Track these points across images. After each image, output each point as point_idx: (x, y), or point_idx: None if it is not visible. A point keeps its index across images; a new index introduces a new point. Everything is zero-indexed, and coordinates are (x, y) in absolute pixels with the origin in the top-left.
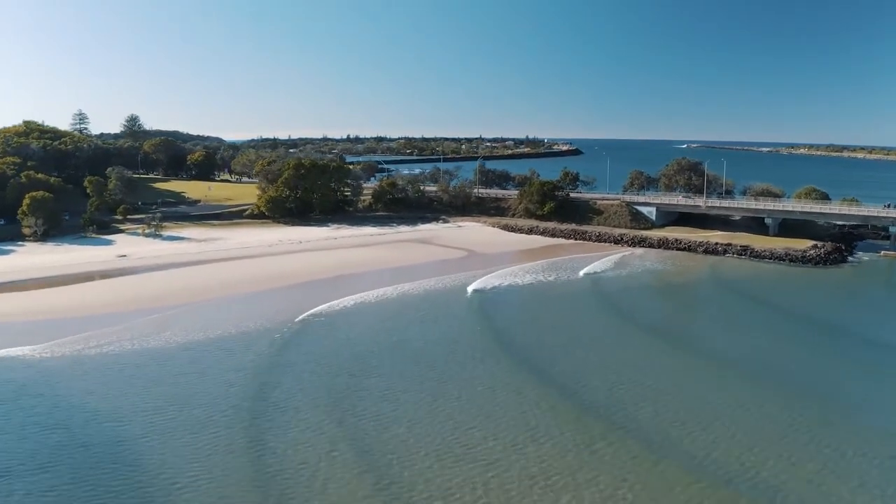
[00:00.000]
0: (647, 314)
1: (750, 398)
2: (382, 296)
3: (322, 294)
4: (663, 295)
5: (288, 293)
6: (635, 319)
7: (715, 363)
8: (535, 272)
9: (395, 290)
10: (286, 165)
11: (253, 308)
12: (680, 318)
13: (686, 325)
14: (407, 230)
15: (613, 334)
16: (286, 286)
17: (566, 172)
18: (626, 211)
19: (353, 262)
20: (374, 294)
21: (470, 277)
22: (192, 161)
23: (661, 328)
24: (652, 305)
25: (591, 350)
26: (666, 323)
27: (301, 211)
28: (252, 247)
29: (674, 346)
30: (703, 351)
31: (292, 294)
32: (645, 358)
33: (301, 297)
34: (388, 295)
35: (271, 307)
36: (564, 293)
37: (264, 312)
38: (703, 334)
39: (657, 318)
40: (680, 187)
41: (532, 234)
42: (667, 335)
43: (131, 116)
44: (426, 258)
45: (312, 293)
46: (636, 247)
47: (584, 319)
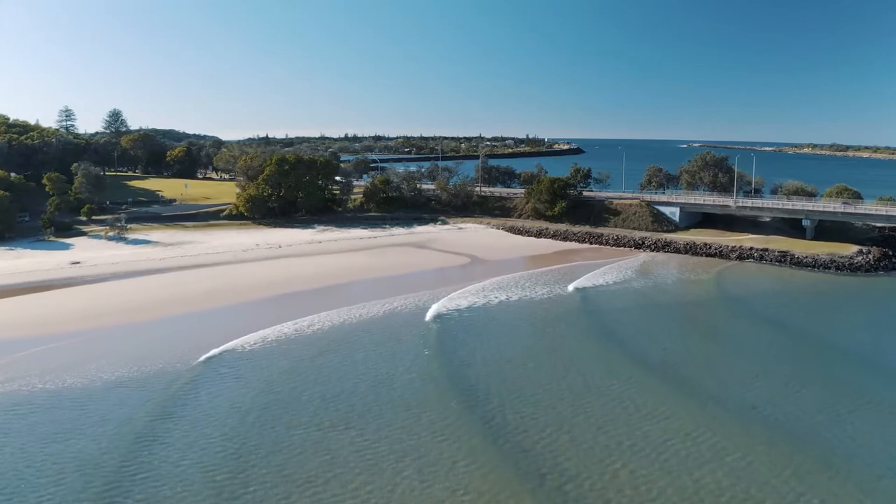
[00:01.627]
0: (688, 356)
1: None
2: (350, 319)
3: (272, 315)
4: (700, 324)
5: (236, 313)
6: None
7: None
8: (549, 282)
9: (380, 308)
10: (268, 161)
11: (173, 337)
12: (732, 371)
13: (748, 387)
14: (401, 232)
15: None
16: (240, 304)
17: (577, 169)
18: (646, 211)
19: (334, 272)
20: (343, 314)
21: (476, 291)
22: (173, 158)
23: (691, 379)
24: (693, 342)
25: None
26: (702, 372)
27: (285, 211)
28: (223, 252)
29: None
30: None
31: (242, 314)
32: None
33: (249, 317)
34: (359, 316)
35: (196, 335)
36: (589, 312)
37: (177, 344)
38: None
39: (698, 363)
40: (704, 185)
41: (541, 237)
42: (698, 393)
43: (113, 112)
44: (421, 265)
45: (262, 313)
46: (659, 251)
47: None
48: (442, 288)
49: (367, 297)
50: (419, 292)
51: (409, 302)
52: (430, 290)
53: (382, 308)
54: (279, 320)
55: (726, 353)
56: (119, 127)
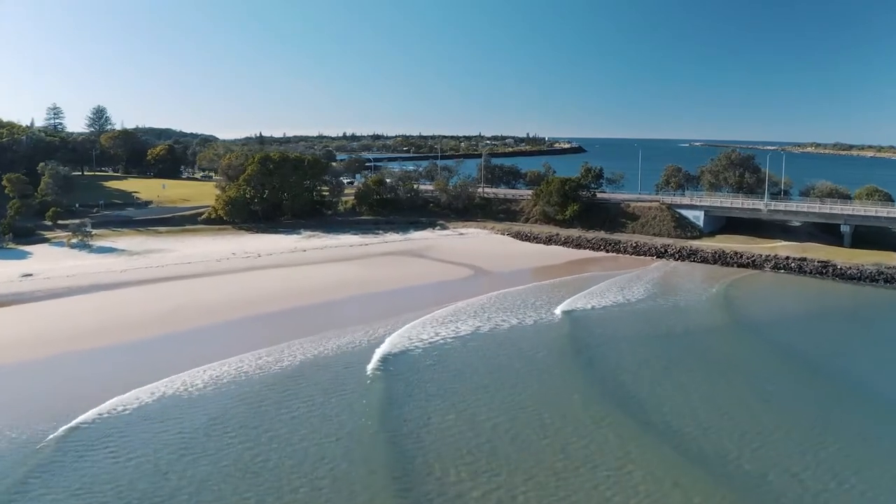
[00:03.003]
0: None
1: None
2: (299, 358)
3: (210, 349)
4: (735, 369)
5: (174, 345)
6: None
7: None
8: (581, 299)
9: (339, 342)
10: (250, 160)
11: (73, 382)
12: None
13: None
14: (396, 239)
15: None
16: (188, 331)
17: (588, 168)
18: (667, 216)
19: (311, 288)
20: (296, 350)
21: (478, 310)
22: (154, 157)
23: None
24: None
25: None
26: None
27: (269, 214)
28: (194, 262)
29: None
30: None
31: (181, 346)
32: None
33: (187, 351)
34: (306, 355)
35: (102, 378)
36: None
37: (62, 395)
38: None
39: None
40: (729, 186)
41: (551, 244)
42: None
43: (97, 108)
44: (416, 279)
45: (202, 346)
46: (683, 261)
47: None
48: (436, 309)
49: (337, 323)
50: (405, 315)
51: (384, 331)
52: (421, 312)
53: (342, 341)
54: (214, 357)
55: (765, 418)
56: (104, 125)
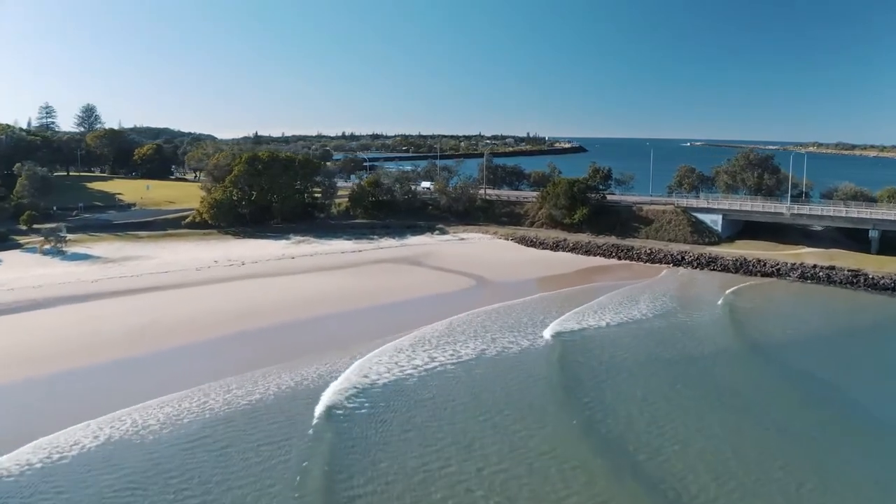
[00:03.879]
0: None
1: None
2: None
3: (159, 382)
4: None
5: (120, 375)
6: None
7: None
8: (597, 316)
9: (296, 375)
10: (237, 160)
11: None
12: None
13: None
14: (392, 245)
15: None
16: (143, 356)
17: (596, 168)
18: (683, 220)
19: (294, 302)
20: (251, 386)
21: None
22: (141, 156)
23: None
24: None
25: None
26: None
27: (257, 218)
28: (172, 271)
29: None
30: None
31: (144, 374)
32: None
33: (153, 380)
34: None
35: (21, 419)
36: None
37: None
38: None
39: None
40: (747, 188)
41: (559, 250)
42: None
43: (87, 107)
44: (411, 291)
45: (148, 378)
46: (702, 269)
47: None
48: (425, 326)
49: (317, 345)
50: (390, 336)
51: (360, 357)
52: (408, 333)
53: (316, 370)
54: (176, 387)
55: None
56: (93, 123)
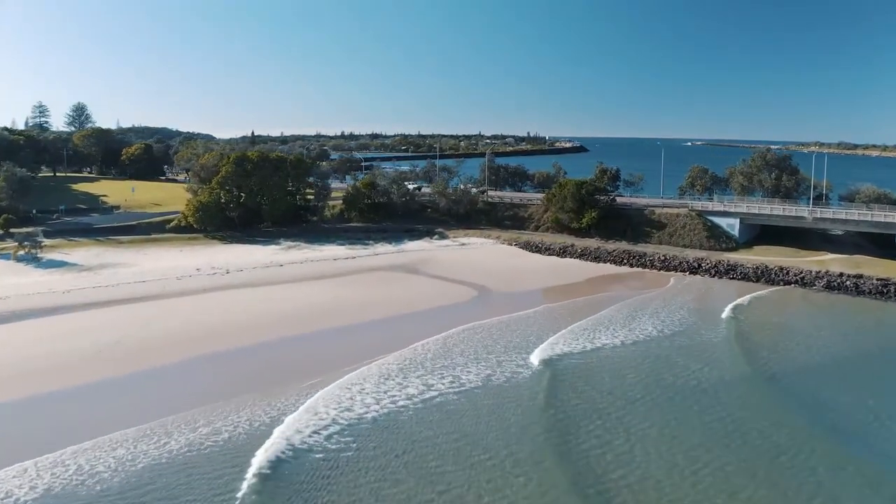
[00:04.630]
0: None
1: None
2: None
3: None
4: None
5: (60, 407)
6: None
7: None
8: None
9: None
10: (224, 160)
11: None
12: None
13: None
14: (388, 250)
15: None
16: (95, 384)
17: (603, 169)
18: (698, 224)
19: (280, 315)
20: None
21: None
22: (129, 156)
23: None
24: None
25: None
26: None
27: (246, 221)
28: (151, 280)
29: None
30: None
31: (76, 409)
32: None
33: (82, 418)
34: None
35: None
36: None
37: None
38: None
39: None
40: (764, 190)
41: (566, 256)
42: None
43: (77, 105)
44: (407, 303)
45: (82, 415)
46: (720, 277)
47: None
48: (417, 346)
49: (282, 375)
50: (371, 361)
51: (326, 390)
52: (390, 355)
53: (276, 406)
54: (106, 427)
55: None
56: (84, 122)
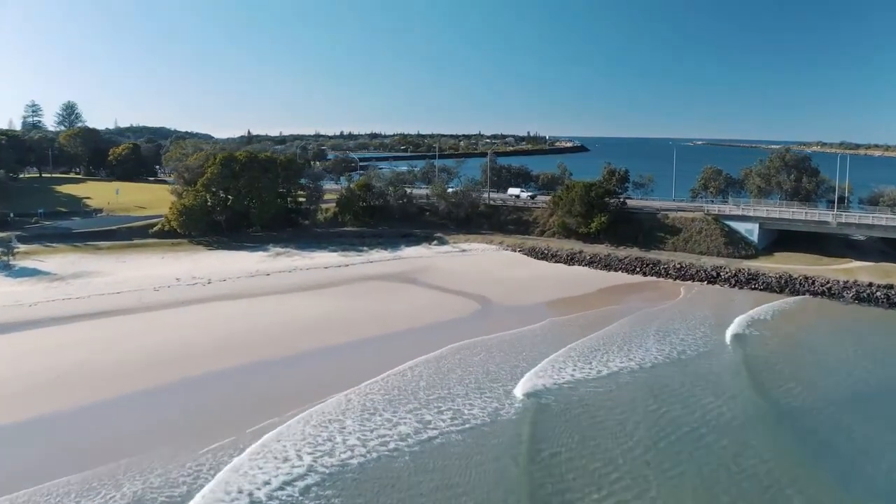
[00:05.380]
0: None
1: None
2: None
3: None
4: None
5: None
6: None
7: None
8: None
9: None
10: (210, 161)
11: None
12: None
13: None
14: (384, 257)
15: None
16: (27, 422)
17: (611, 170)
18: (715, 229)
19: (256, 334)
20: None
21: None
22: (116, 157)
23: None
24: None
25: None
26: None
27: (234, 225)
28: (126, 291)
29: None
30: None
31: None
32: None
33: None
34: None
35: None
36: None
37: None
38: None
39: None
40: (783, 192)
41: (574, 263)
42: None
43: (67, 104)
44: (401, 319)
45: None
46: (741, 287)
47: None
48: (403, 364)
49: (261, 410)
50: (364, 385)
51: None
52: (369, 385)
53: (238, 454)
54: (44, 476)
55: None
56: (74, 122)
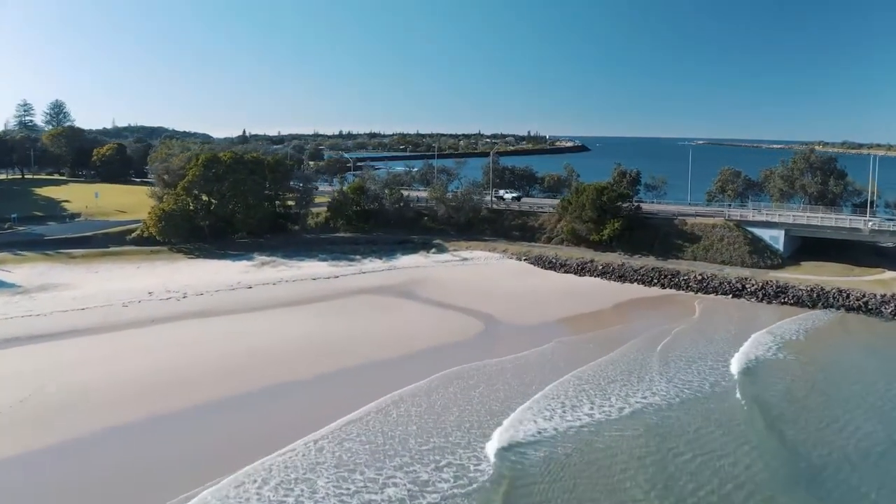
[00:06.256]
0: None
1: None
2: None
3: None
4: None
5: None
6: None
7: None
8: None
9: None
10: (192, 163)
11: None
12: None
13: None
14: (378, 267)
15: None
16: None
17: (622, 171)
18: (738, 236)
19: (234, 357)
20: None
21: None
22: (100, 157)
23: None
24: None
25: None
26: None
27: (218, 232)
28: (93, 307)
29: None
30: None
31: None
32: None
33: None
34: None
35: None
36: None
37: None
38: None
39: None
40: (808, 196)
41: (584, 274)
42: None
43: (55, 103)
44: (398, 343)
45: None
46: (769, 302)
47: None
48: (380, 398)
49: (225, 461)
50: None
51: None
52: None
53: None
54: None
55: None
56: (62, 121)
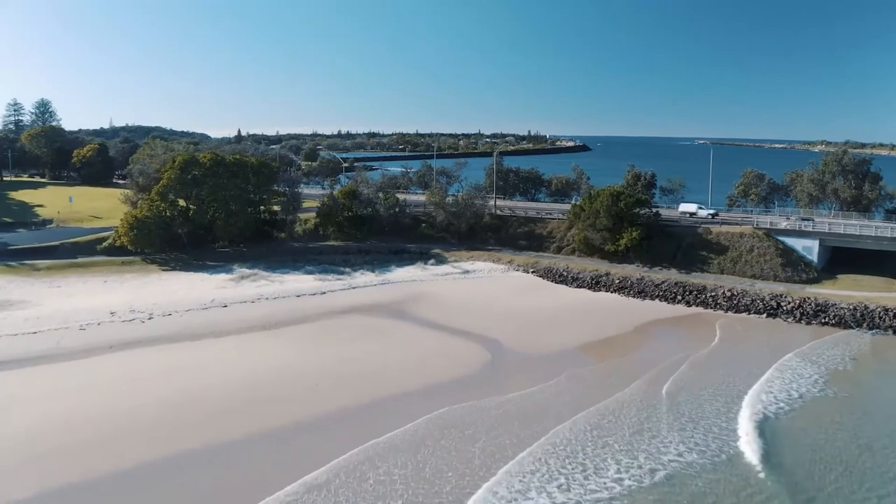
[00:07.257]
0: None
1: None
2: None
3: None
4: None
5: None
6: None
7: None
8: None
9: None
10: (168, 165)
11: None
12: None
13: None
14: (370, 281)
15: None
16: None
17: (636, 174)
18: (769, 247)
19: (193, 400)
20: None
21: None
22: (80, 159)
23: None
24: None
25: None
26: None
27: (198, 240)
28: (47, 330)
29: None
30: None
31: None
32: None
33: None
34: None
35: None
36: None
37: None
38: None
39: None
40: (840, 201)
41: (599, 289)
42: None
43: (40, 102)
44: (383, 382)
45: None
46: (806, 322)
47: None
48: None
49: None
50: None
51: None
52: None
53: None
54: None
55: None
56: (48, 121)
